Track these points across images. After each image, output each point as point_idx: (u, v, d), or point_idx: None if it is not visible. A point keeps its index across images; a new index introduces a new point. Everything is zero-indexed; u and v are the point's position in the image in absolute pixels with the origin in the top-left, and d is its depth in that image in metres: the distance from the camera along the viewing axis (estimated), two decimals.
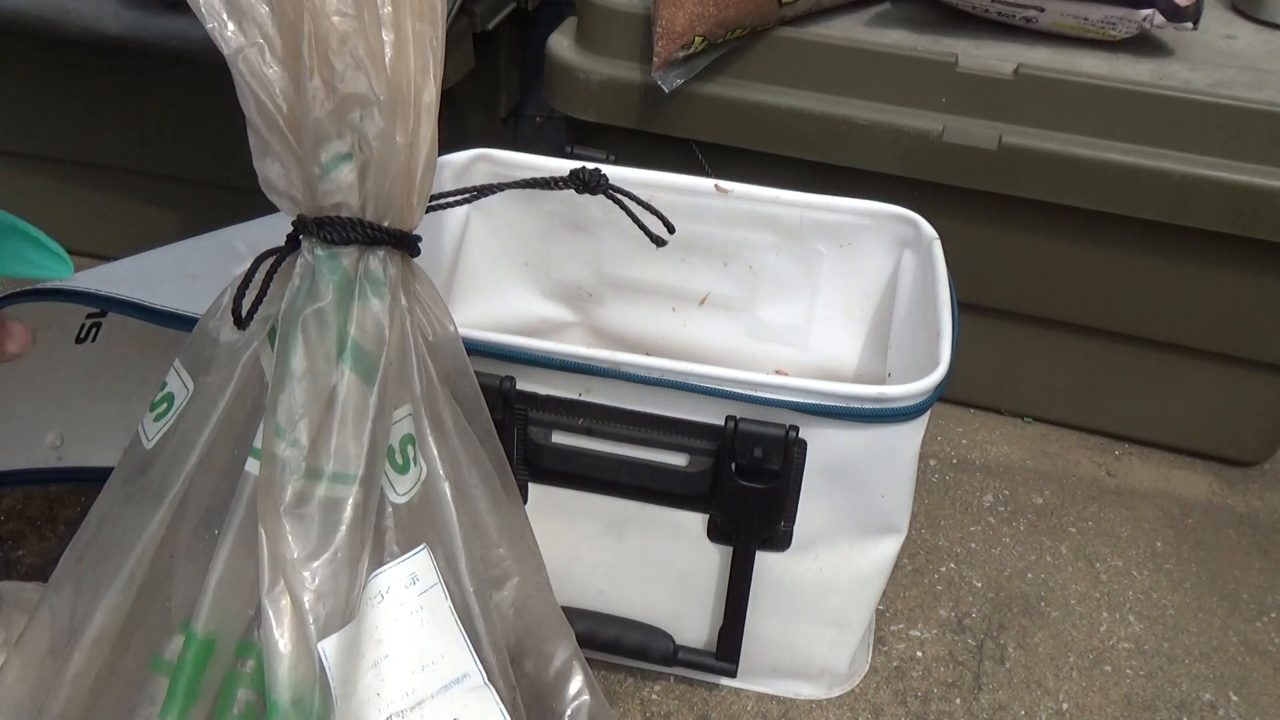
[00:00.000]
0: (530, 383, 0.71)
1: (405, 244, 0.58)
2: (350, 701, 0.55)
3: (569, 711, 0.64)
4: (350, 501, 0.55)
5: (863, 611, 0.79)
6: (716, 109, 0.97)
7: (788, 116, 0.96)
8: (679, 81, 0.94)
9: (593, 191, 0.68)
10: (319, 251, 0.56)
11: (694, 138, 0.99)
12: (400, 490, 0.59)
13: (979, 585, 0.94)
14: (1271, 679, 0.88)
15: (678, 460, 0.72)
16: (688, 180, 0.86)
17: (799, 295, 0.90)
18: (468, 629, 0.58)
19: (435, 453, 0.60)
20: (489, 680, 0.57)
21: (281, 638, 0.53)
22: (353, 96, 0.53)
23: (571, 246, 0.91)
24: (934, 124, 0.94)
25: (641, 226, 0.70)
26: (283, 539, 0.54)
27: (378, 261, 0.57)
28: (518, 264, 0.94)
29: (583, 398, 0.71)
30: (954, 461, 1.07)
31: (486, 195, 0.69)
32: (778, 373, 0.91)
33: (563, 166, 0.87)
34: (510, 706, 0.58)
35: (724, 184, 0.86)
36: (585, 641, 0.80)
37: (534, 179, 0.70)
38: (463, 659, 0.56)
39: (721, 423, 0.70)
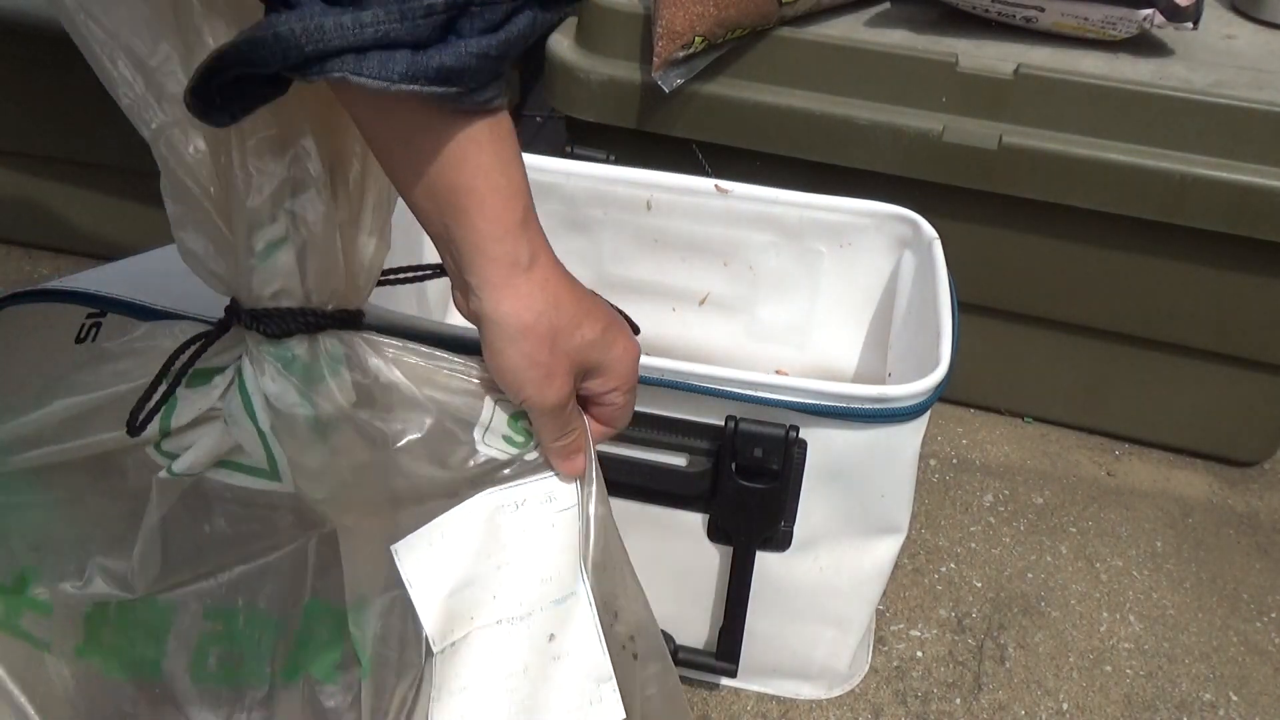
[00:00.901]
0: None
1: (351, 323, 0.55)
2: (465, 593, 0.55)
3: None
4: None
5: (863, 611, 0.79)
6: (716, 109, 0.97)
7: (788, 116, 0.96)
8: (679, 81, 0.94)
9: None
10: (266, 347, 0.53)
11: (694, 138, 0.99)
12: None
13: (979, 585, 0.94)
14: (1271, 679, 0.88)
15: (678, 460, 0.72)
16: (688, 180, 0.86)
17: (799, 295, 0.90)
18: (584, 555, 0.57)
19: None
20: (593, 602, 0.57)
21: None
22: (288, 180, 0.49)
23: (571, 246, 0.91)
24: (934, 124, 0.94)
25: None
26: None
27: (329, 340, 0.54)
28: None
29: None
30: (954, 461, 1.07)
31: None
32: (778, 373, 0.91)
33: (564, 165, 0.88)
34: (608, 635, 0.58)
35: (724, 184, 0.86)
36: None
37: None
38: (574, 580, 0.56)
39: (721, 423, 0.70)
